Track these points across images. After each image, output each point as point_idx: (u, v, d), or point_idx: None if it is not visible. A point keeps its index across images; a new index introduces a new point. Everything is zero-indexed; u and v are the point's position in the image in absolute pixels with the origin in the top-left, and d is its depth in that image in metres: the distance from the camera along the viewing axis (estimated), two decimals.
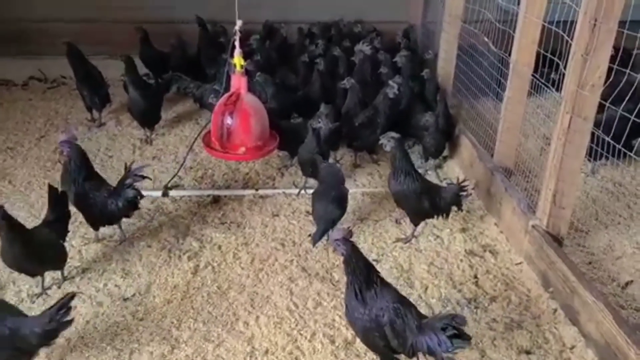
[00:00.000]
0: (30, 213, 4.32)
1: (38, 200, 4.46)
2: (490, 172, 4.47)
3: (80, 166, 3.87)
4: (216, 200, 4.60)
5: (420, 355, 2.79)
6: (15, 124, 5.74)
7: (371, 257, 3.88)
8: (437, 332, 2.63)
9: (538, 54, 4.03)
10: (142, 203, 4.41)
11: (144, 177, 3.95)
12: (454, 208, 4.07)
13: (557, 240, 3.70)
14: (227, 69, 4.49)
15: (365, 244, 4.06)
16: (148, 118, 5.52)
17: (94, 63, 5.98)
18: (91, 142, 5.47)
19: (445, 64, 5.82)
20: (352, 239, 2.87)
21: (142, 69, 6.43)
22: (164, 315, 3.36)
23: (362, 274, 2.81)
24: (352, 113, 5.15)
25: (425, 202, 3.96)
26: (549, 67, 3.87)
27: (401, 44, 6.54)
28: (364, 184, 4.90)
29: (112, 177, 4.50)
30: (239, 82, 4.39)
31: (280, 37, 6.64)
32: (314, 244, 3.92)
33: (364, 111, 5.17)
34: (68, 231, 3.67)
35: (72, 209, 3.79)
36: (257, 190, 4.74)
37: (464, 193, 3.99)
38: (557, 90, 3.68)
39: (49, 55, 6.95)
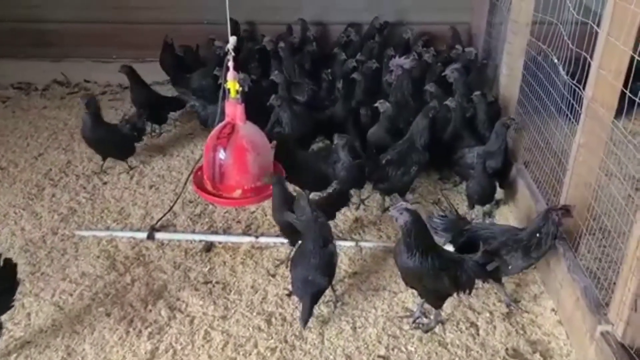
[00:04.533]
0: None
1: (7, 240, 3.90)
2: None
3: None
4: (208, 248, 3.85)
5: None
6: (18, 138, 5.27)
7: (378, 351, 3.00)
8: None
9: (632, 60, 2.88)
10: (121, 249, 3.81)
11: None
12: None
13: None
14: (221, 94, 3.68)
15: (374, 328, 3.16)
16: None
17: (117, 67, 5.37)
18: (91, 162, 4.87)
19: (508, 82, 4.71)
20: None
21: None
22: None
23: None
24: (380, 145, 4.21)
25: (445, 279, 3.00)
26: None
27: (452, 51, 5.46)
28: (389, 237, 3.97)
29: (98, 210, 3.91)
30: (234, 110, 3.58)
31: (309, 50, 5.70)
32: (303, 326, 3.07)
33: (395, 145, 4.21)
34: (10, 307, 3.01)
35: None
36: (257, 237, 3.94)
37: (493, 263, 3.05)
38: None
39: (73, 58, 6.55)
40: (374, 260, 3.70)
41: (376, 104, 4.36)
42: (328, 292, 3.30)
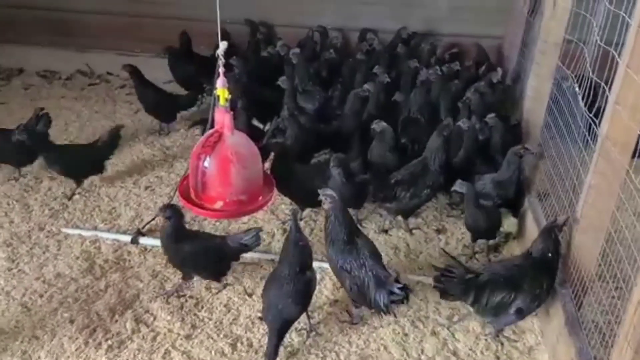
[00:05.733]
0: None
1: None
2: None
3: None
4: None
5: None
6: None
7: None
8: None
9: None
10: (103, 251, 3.70)
11: None
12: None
13: None
14: (212, 101, 3.50)
15: None
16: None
17: (140, 61, 5.52)
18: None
19: (533, 105, 4.37)
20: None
21: None
22: None
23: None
24: (380, 164, 3.96)
25: None
26: None
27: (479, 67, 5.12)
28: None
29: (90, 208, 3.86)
30: (222, 119, 3.40)
31: (327, 57, 5.41)
32: None
33: (409, 165, 3.95)
34: None
35: None
36: None
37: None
38: None
39: (98, 49, 6.55)
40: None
41: (372, 125, 4.11)
42: (303, 318, 3.09)
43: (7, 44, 6.55)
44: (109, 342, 3.02)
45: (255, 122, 4.82)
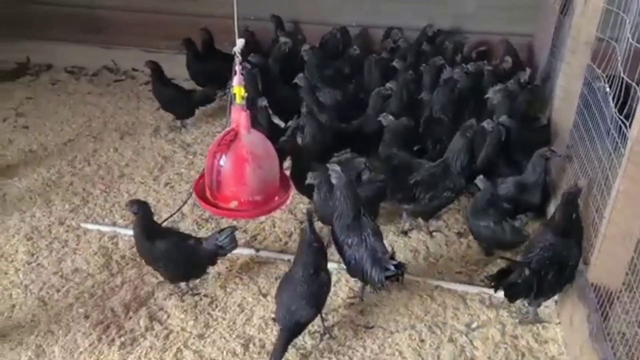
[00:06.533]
0: None
1: (15, 225, 3.91)
2: (578, 291, 2.96)
3: None
4: None
5: None
6: (54, 122, 5.32)
7: None
8: None
9: None
10: (120, 247, 3.72)
11: None
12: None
13: None
14: (229, 99, 3.46)
15: None
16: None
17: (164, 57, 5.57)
18: (116, 153, 4.85)
19: (562, 106, 4.23)
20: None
21: None
22: None
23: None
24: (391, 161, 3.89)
25: None
26: None
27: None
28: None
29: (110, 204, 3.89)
30: (238, 117, 3.36)
31: (351, 54, 5.28)
32: None
33: (430, 166, 3.85)
34: None
35: None
36: (257, 251, 3.72)
37: None
38: None
39: (124, 45, 6.61)
40: (375, 293, 3.37)
41: (379, 117, 4.08)
42: (317, 321, 3.03)
43: (37, 40, 6.64)
44: (122, 338, 3.02)
45: (277, 120, 4.78)
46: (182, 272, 3.32)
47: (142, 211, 3.20)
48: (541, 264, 2.99)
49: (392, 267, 2.94)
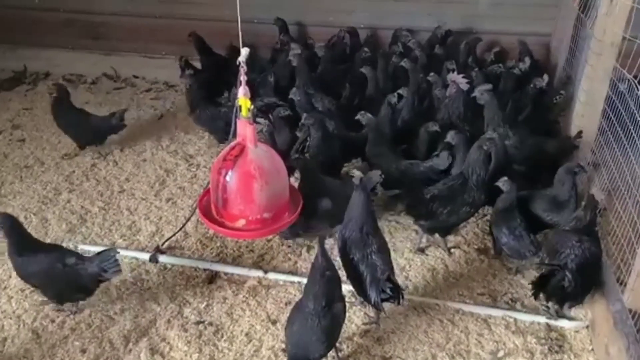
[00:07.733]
0: None
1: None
2: (612, 319, 2.72)
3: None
4: (211, 279, 3.46)
5: None
6: (52, 135, 5.08)
7: None
8: None
9: None
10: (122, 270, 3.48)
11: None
12: None
13: None
14: (234, 111, 3.23)
15: None
16: None
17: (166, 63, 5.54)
18: (116, 167, 4.64)
19: (586, 112, 3.99)
20: None
21: None
22: None
23: None
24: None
25: None
26: None
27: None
28: (417, 288, 3.38)
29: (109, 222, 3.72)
30: (244, 131, 3.14)
31: (363, 57, 5.01)
32: None
33: (447, 179, 3.62)
34: None
35: None
36: (265, 273, 3.49)
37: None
38: None
39: (123, 52, 6.41)
40: (393, 318, 3.14)
41: (357, 117, 3.98)
42: (331, 352, 2.81)
43: (34, 47, 6.46)
44: None
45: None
46: (58, 293, 3.07)
47: (7, 224, 2.98)
48: (578, 263, 2.92)
49: (388, 290, 2.81)
